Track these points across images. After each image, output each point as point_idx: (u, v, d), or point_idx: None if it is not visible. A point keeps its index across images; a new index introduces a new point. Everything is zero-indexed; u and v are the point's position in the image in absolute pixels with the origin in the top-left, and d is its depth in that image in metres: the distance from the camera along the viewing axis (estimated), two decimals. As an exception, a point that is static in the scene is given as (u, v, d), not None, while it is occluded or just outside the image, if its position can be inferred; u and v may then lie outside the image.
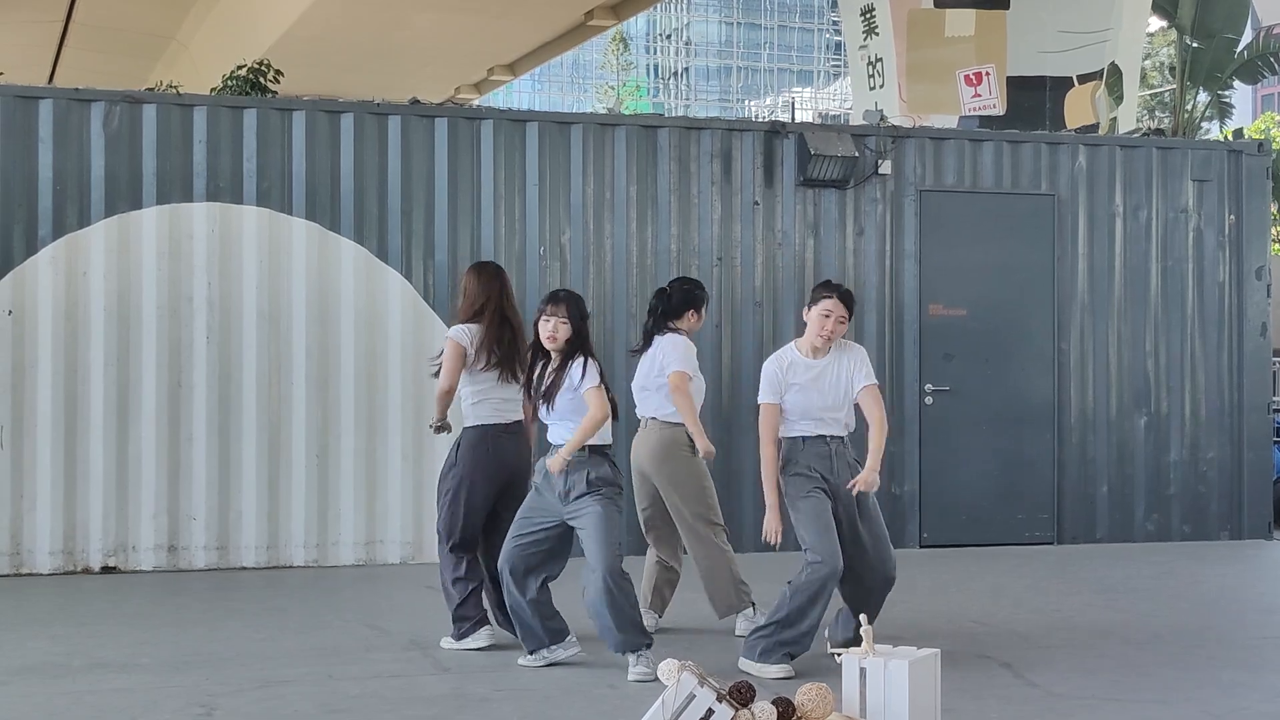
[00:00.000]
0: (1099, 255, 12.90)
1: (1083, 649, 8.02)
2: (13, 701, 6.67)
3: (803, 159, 12.10)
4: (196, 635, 8.26)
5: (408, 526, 11.18)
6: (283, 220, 11.11)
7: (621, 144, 11.89)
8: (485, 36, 27.81)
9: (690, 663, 5.41)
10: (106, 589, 10.05)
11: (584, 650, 7.54)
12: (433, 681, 7.16)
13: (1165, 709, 6.65)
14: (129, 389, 10.77)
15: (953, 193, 12.62)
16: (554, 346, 7.37)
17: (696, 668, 5.40)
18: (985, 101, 18.07)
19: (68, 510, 10.63)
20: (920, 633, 8.06)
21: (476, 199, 11.53)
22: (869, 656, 5.67)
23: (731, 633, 8.34)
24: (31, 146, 10.72)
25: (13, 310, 10.61)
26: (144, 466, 10.77)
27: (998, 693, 6.91)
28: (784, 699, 5.50)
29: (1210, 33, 27.77)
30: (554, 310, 7.38)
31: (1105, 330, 12.89)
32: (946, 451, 12.42)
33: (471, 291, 8.13)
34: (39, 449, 10.60)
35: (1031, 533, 12.57)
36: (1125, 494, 12.85)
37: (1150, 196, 13.06)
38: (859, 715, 5.61)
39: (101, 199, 10.80)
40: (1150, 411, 12.94)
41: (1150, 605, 9.57)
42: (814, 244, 12.26)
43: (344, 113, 11.36)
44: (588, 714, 6.47)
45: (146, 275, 10.85)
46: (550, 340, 7.36)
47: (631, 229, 11.84)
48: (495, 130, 11.62)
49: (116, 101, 10.94)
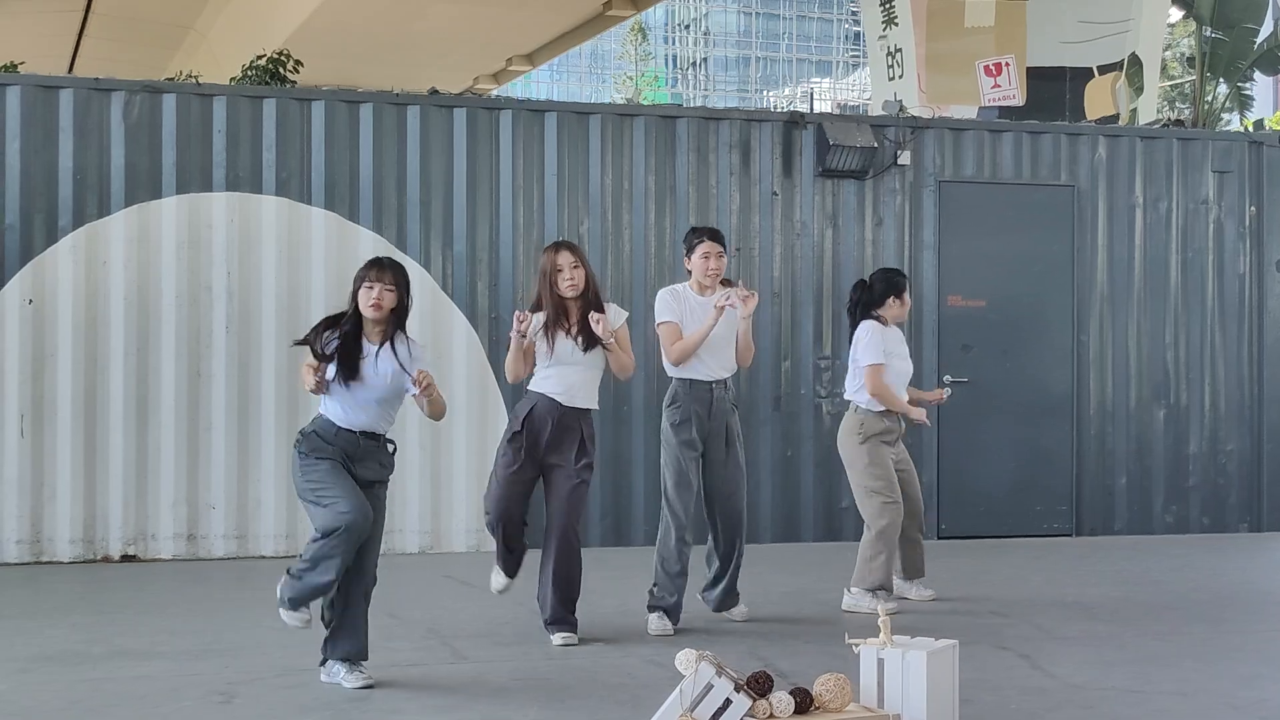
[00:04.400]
0: (1119, 246, 12.87)
1: (1102, 640, 8.00)
2: (34, 689, 6.70)
3: (821, 149, 12.08)
4: (216, 623, 8.29)
5: (425, 516, 11.20)
6: (302, 210, 11.13)
7: (640, 134, 11.89)
8: (504, 27, 27.78)
9: (708, 653, 5.41)
10: (126, 577, 10.08)
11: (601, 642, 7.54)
12: (451, 670, 7.17)
13: (1185, 701, 6.64)
14: (149, 378, 10.81)
15: (972, 184, 12.59)
16: (379, 315, 6.84)
17: (714, 657, 5.40)
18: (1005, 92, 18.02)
19: (88, 499, 10.67)
20: (938, 624, 8.05)
21: (495, 189, 11.53)
22: (887, 647, 5.67)
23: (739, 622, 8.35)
24: (52, 136, 10.75)
25: (33, 299, 10.64)
26: (163, 455, 10.80)
27: (1016, 684, 6.90)
28: (801, 689, 5.50)
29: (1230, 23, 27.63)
30: (379, 276, 6.81)
31: (1125, 322, 12.85)
32: (965, 443, 12.41)
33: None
34: (59, 438, 10.64)
35: (1050, 524, 12.56)
36: (1144, 486, 12.82)
37: (1170, 188, 13.03)
38: (877, 706, 5.61)
39: (121, 188, 10.83)
40: (1170, 403, 12.91)
41: (1169, 597, 9.55)
42: (832, 235, 12.24)
43: (363, 103, 11.37)
44: (605, 703, 6.47)
45: (166, 265, 10.88)
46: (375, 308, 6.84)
47: (650, 219, 11.83)
48: (514, 120, 11.62)
49: (136, 91, 10.96)
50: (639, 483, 11.59)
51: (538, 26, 28.41)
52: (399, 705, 6.43)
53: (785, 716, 5.39)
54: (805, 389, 12.03)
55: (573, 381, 7.79)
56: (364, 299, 6.78)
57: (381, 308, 6.78)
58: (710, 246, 8.21)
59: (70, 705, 6.40)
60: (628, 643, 7.82)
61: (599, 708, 6.40)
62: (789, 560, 11.04)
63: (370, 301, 6.77)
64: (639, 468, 11.59)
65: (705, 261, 8.19)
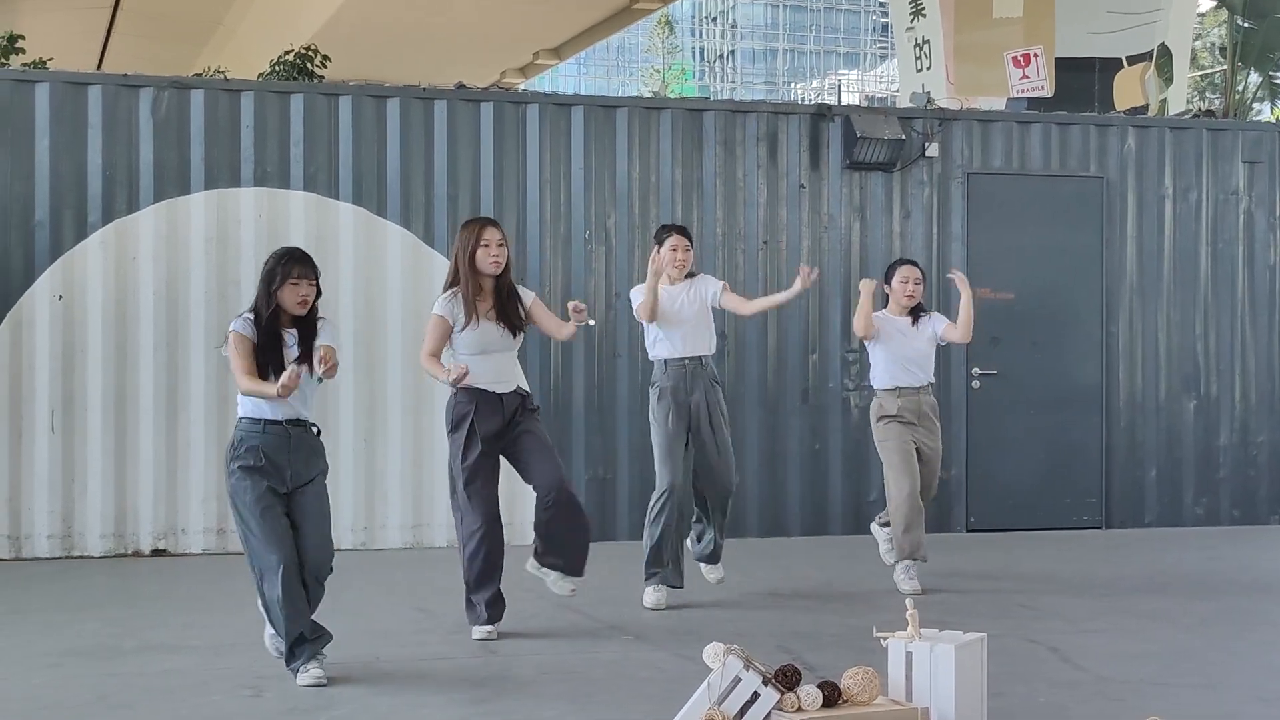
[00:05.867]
0: (1148, 238, 12.82)
1: (1131, 633, 7.98)
2: (65, 682, 6.74)
3: (849, 142, 12.05)
4: (246, 617, 8.31)
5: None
6: (330, 205, 11.16)
7: (667, 127, 11.88)
8: (530, 20, 27.79)
9: (736, 646, 5.41)
10: (156, 572, 10.13)
11: (631, 636, 7.54)
12: (478, 664, 7.19)
13: (1213, 693, 6.61)
14: (178, 373, 10.85)
15: (1000, 175, 12.55)
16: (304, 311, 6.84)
17: (742, 651, 5.40)
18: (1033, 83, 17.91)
19: (118, 494, 10.72)
20: (967, 616, 8.04)
21: (522, 183, 11.54)
22: (915, 640, 5.65)
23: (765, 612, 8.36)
24: (81, 132, 10.79)
25: (63, 295, 10.70)
26: (193, 450, 10.84)
27: (1045, 676, 6.89)
28: (830, 682, 5.49)
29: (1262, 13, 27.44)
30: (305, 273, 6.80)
31: (1154, 313, 12.80)
32: (994, 435, 12.38)
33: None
34: (89, 432, 10.69)
35: (1079, 517, 12.51)
36: (1174, 478, 12.77)
37: (1200, 178, 12.96)
38: (905, 699, 5.60)
39: (150, 184, 10.87)
40: (1200, 395, 12.86)
41: (1199, 590, 9.51)
42: (860, 227, 12.22)
43: (390, 98, 11.39)
44: (633, 697, 6.48)
45: (195, 260, 10.92)
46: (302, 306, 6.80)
47: (677, 212, 11.82)
48: (541, 114, 11.63)
49: (165, 87, 11.00)
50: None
51: (564, 20, 28.41)
52: (426, 698, 6.45)
53: (813, 710, 5.38)
54: (833, 382, 12.00)
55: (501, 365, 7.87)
56: (292, 295, 6.74)
57: (308, 303, 6.79)
58: (678, 240, 8.86)
59: (100, 699, 6.44)
60: (656, 636, 7.83)
61: (627, 701, 6.41)
62: (816, 553, 11.03)
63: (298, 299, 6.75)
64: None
65: (673, 254, 8.80)
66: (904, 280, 9.46)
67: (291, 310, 6.77)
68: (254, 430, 6.74)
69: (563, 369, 11.49)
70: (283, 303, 6.76)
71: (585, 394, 11.51)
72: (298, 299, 6.75)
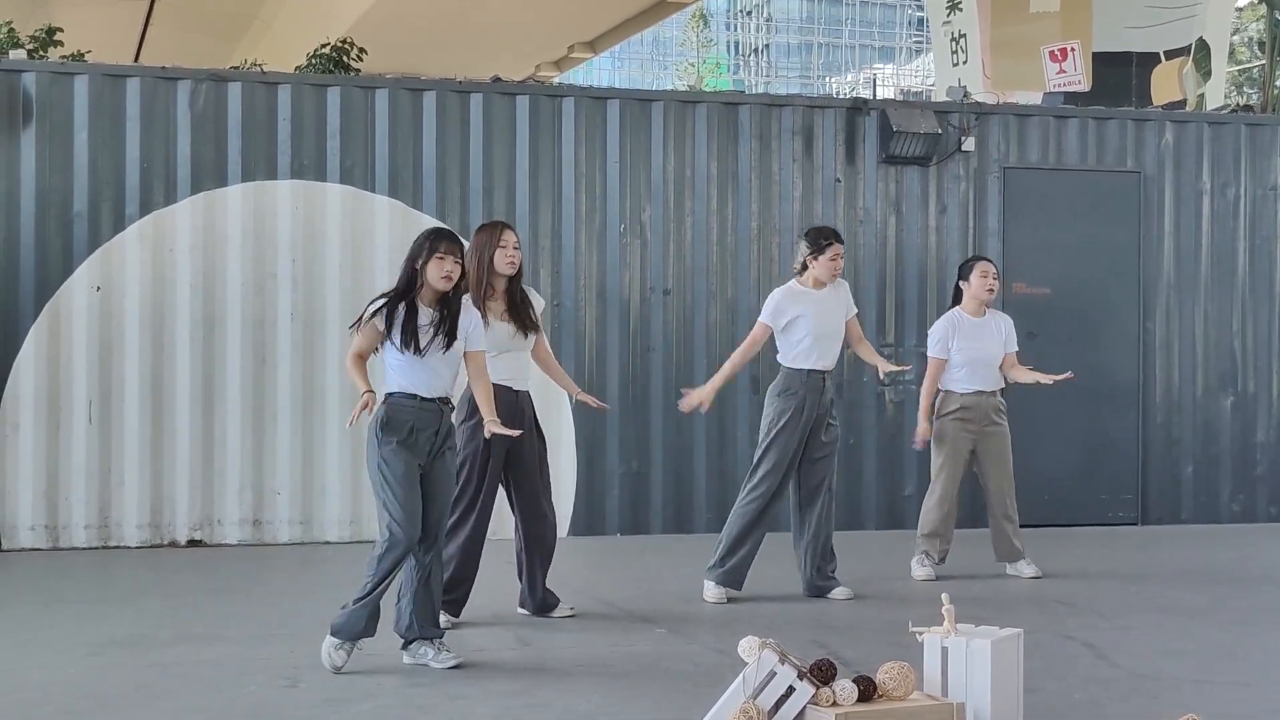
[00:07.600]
0: (1185, 233, 12.75)
1: (1167, 631, 7.95)
2: (102, 672, 6.78)
3: (885, 136, 12.03)
4: (282, 608, 8.36)
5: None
6: (366, 198, 11.19)
7: (702, 121, 11.87)
8: (566, 14, 27.82)
9: (771, 640, 5.41)
10: (193, 562, 10.18)
11: (663, 629, 7.54)
12: (514, 656, 7.20)
13: (1250, 691, 6.58)
14: (214, 364, 10.90)
15: (1037, 170, 12.50)
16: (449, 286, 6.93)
17: (777, 645, 5.39)
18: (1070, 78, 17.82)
19: (155, 484, 10.77)
20: (1002, 612, 8.01)
21: (558, 176, 11.55)
22: (951, 635, 5.64)
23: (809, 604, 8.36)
24: (119, 124, 10.85)
25: (101, 286, 10.75)
26: (229, 441, 10.89)
27: (1081, 673, 6.86)
28: (865, 677, 5.48)
29: (1301, 7, 27.28)
30: (451, 248, 6.89)
31: (1191, 309, 12.74)
32: (1029, 431, 12.28)
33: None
34: (126, 423, 10.74)
35: (1115, 513, 12.47)
36: (1211, 475, 12.71)
37: (1238, 174, 12.89)
38: (941, 695, 5.58)
39: (188, 176, 10.92)
40: (1237, 391, 12.79)
41: (1235, 587, 9.47)
42: (896, 222, 12.19)
43: (426, 91, 11.41)
44: (668, 690, 6.48)
45: (231, 252, 10.97)
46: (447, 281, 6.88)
47: (712, 206, 11.82)
48: (576, 108, 11.63)
49: (202, 80, 11.04)
50: (700, 470, 11.60)
51: (599, 14, 28.44)
52: (463, 690, 6.46)
53: (848, 705, 5.37)
54: (869, 377, 11.96)
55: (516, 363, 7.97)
56: (437, 270, 6.84)
57: (452, 279, 6.88)
58: (838, 249, 8.76)
59: (138, 689, 6.47)
60: (691, 629, 7.83)
61: (662, 695, 6.41)
62: (851, 548, 10.98)
63: (443, 274, 6.84)
64: (700, 456, 11.59)
65: (832, 263, 8.72)
66: (983, 275, 9.63)
67: (436, 285, 6.85)
68: (409, 405, 6.85)
69: (597, 363, 11.50)
70: (428, 278, 6.85)
71: (620, 388, 11.51)
72: (442, 273, 6.82)
